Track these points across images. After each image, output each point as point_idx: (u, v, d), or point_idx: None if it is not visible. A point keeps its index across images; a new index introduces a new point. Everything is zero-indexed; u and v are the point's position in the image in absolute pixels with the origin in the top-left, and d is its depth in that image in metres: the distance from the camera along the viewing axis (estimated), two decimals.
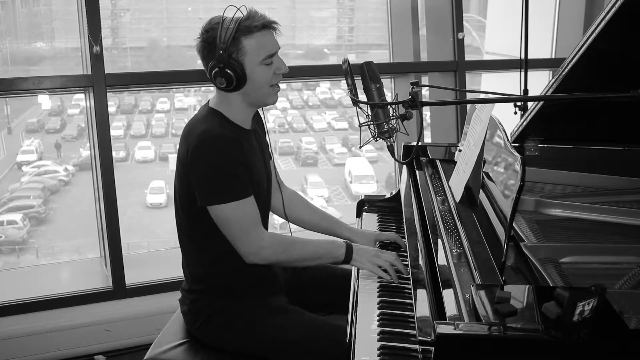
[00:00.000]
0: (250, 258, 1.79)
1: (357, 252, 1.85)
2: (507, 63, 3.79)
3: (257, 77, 1.76)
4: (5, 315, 2.83)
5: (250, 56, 1.74)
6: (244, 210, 1.76)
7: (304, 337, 1.79)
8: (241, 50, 1.72)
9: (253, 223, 1.78)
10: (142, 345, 2.86)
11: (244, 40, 1.72)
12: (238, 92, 1.78)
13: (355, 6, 7.09)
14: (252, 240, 1.77)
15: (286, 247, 1.83)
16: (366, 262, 1.83)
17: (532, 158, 2.17)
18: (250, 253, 1.78)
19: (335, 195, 7.68)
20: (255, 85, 1.77)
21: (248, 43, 1.73)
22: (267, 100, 1.84)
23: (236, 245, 1.78)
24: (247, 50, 1.73)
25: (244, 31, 1.72)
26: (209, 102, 1.88)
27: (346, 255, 1.84)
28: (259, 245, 1.78)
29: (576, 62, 1.83)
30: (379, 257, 1.83)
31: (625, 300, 1.31)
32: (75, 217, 6.43)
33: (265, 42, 1.76)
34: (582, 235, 1.72)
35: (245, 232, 1.76)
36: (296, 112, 8.66)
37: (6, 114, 7.15)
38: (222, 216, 1.75)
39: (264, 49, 1.75)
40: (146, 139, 7.86)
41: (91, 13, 2.78)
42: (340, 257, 1.85)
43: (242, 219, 1.76)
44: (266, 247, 1.78)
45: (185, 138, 1.80)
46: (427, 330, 1.27)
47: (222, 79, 1.73)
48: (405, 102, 1.46)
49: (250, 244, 1.77)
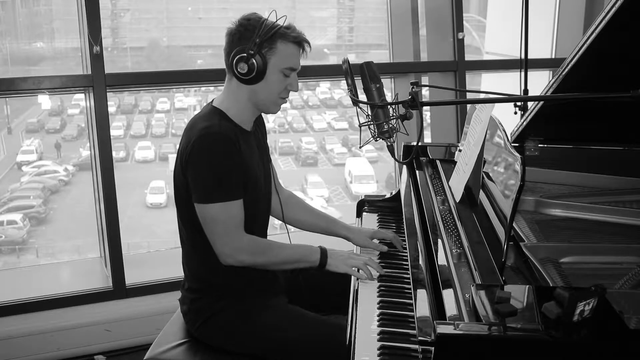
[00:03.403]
0: (227, 259, 1.80)
1: (331, 257, 1.88)
2: (507, 63, 3.79)
3: (272, 81, 1.80)
4: (5, 315, 2.83)
5: (277, 59, 1.78)
6: (231, 212, 1.77)
7: (304, 337, 1.79)
8: (273, 49, 1.77)
9: (236, 226, 1.79)
10: (142, 345, 2.86)
11: (279, 43, 1.78)
12: (248, 88, 1.81)
13: (355, 6, 7.09)
14: (230, 242, 1.78)
15: (263, 251, 1.85)
16: (341, 265, 1.87)
17: (532, 158, 2.17)
18: (228, 254, 1.79)
19: (335, 195, 7.68)
20: (267, 88, 1.81)
21: (281, 47, 1.78)
22: (270, 108, 1.88)
23: (214, 245, 1.80)
24: (277, 53, 1.78)
25: (282, 36, 1.78)
26: (213, 101, 1.90)
27: (321, 259, 1.87)
28: (237, 247, 1.79)
29: (576, 62, 1.83)
30: (352, 259, 1.88)
31: (625, 300, 1.31)
32: (75, 217, 6.43)
33: (294, 56, 1.82)
34: (582, 235, 1.72)
35: (226, 234, 1.78)
36: (296, 112, 8.66)
37: (6, 114, 7.15)
38: (208, 215, 1.77)
39: (291, 60, 1.81)
40: (146, 139, 7.86)
41: (91, 13, 2.78)
42: (315, 262, 1.88)
43: (227, 220, 1.77)
44: (243, 251, 1.80)
45: (187, 133, 1.83)
46: (427, 330, 1.27)
47: (245, 64, 1.75)
48: (405, 102, 1.46)
49: (228, 246, 1.78)
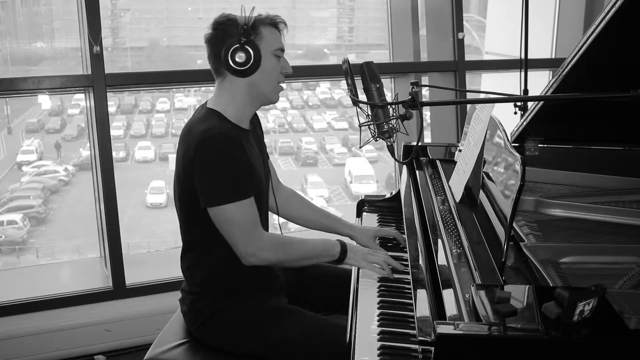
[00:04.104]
0: (250, 259, 1.78)
1: (352, 250, 1.89)
2: (507, 63, 3.79)
3: (268, 67, 1.81)
4: (5, 315, 2.83)
5: (265, 44, 1.80)
6: (245, 211, 1.75)
7: (304, 337, 1.78)
8: (259, 35, 1.79)
9: (253, 224, 1.78)
10: (142, 345, 2.86)
11: (262, 28, 1.80)
12: (245, 81, 1.80)
13: (355, 6, 7.10)
14: (252, 241, 1.77)
15: (284, 247, 1.84)
16: (360, 260, 1.87)
17: (532, 158, 2.17)
18: (250, 254, 1.77)
19: (335, 195, 7.68)
20: (265, 76, 1.81)
21: (265, 31, 1.80)
22: (271, 97, 1.87)
23: (235, 247, 1.78)
24: (264, 38, 1.80)
25: (262, 21, 1.80)
26: (206, 103, 1.88)
27: (341, 253, 1.88)
28: (258, 246, 1.78)
29: (576, 62, 1.82)
30: (372, 255, 1.88)
31: (625, 300, 1.31)
32: (75, 217, 6.44)
33: (278, 37, 1.84)
34: (582, 235, 1.72)
35: (246, 233, 1.76)
36: (296, 112, 8.67)
37: (6, 114, 7.16)
38: (223, 217, 1.75)
39: (277, 41, 1.84)
40: (146, 139, 7.87)
41: (91, 13, 2.78)
42: (335, 256, 1.88)
43: (243, 220, 1.75)
44: (265, 248, 1.79)
45: (185, 139, 1.80)
46: (427, 330, 1.27)
47: (242, 53, 1.76)
48: (405, 102, 1.46)
49: (250, 245, 1.77)
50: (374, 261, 1.86)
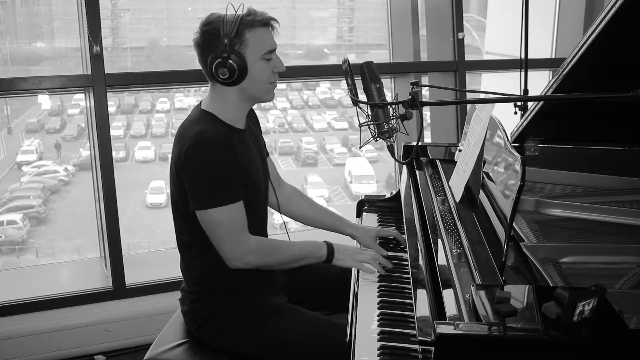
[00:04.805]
0: (235, 263, 1.78)
1: (339, 251, 1.89)
2: (507, 63, 3.79)
3: (257, 72, 1.76)
4: (5, 315, 2.83)
5: (252, 49, 1.74)
6: (233, 215, 1.75)
7: (304, 337, 1.79)
8: (244, 43, 1.73)
9: (240, 228, 1.78)
10: (142, 345, 2.86)
11: (247, 33, 1.73)
12: (235, 88, 1.78)
13: (355, 6, 7.10)
14: (238, 245, 1.77)
15: (271, 251, 1.84)
16: (349, 260, 1.87)
17: (532, 158, 2.17)
18: (235, 258, 1.77)
19: (335, 195, 7.68)
20: (254, 81, 1.77)
21: (251, 36, 1.73)
22: (264, 97, 1.85)
23: (221, 250, 1.77)
24: (250, 44, 1.73)
25: (247, 25, 1.73)
26: (200, 104, 1.87)
27: (328, 254, 1.88)
28: (244, 250, 1.78)
29: (576, 62, 1.82)
30: (360, 254, 1.88)
31: (625, 300, 1.31)
32: (75, 217, 6.44)
33: (266, 38, 1.77)
34: (582, 235, 1.72)
35: (232, 238, 1.76)
36: (296, 112, 8.66)
37: (6, 114, 7.16)
38: (211, 220, 1.75)
39: (265, 44, 1.77)
40: (146, 139, 7.87)
41: (91, 13, 2.77)
42: (322, 257, 1.88)
43: (231, 224, 1.75)
44: (252, 252, 1.79)
45: (178, 141, 1.80)
46: (427, 330, 1.27)
47: (225, 69, 1.72)
48: (405, 102, 1.47)
49: (236, 250, 1.77)
50: (362, 260, 1.86)
